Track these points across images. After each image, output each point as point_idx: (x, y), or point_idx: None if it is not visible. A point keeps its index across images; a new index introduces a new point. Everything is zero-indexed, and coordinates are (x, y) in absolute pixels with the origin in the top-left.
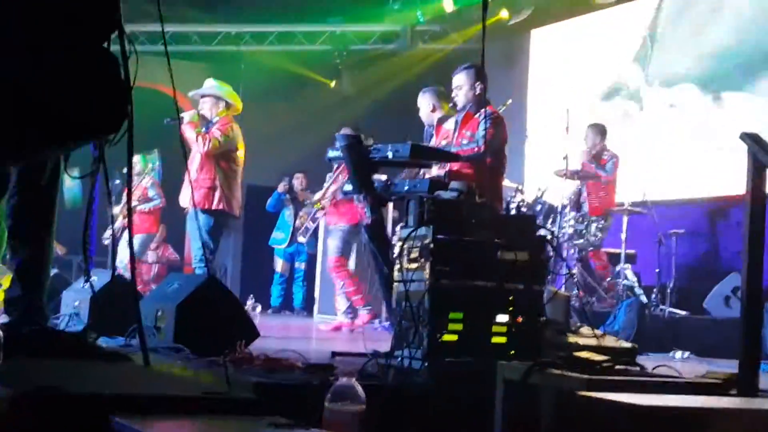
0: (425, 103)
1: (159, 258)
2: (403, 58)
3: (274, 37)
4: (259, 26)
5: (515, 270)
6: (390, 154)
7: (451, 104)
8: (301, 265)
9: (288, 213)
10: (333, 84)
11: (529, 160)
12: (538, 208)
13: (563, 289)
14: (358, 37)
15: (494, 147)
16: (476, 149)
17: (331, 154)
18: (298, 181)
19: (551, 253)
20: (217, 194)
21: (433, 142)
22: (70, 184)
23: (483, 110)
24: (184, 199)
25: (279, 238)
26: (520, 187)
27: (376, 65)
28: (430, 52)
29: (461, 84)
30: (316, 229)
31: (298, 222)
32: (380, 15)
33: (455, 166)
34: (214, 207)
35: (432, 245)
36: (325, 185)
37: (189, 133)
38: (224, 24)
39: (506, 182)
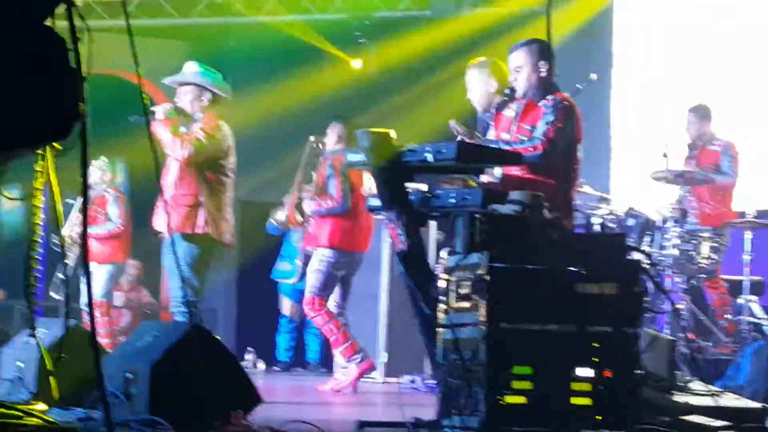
0: (479, 80)
1: (127, 301)
2: (443, 27)
3: (273, 4)
4: None
5: (600, 308)
6: (430, 157)
7: (507, 90)
8: None
9: (296, 237)
10: (355, 63)
11: (618, 160)
12: (631, 223)
13: (666, 331)
14: (384, 1)
15: (561, 145)
16: (530, 148)
17: (352, 157)
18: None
19: (649, 284)
20: (201, 215)
21: (491, 136)
22: (9, 207)
23: (550, 97)
24: (159, 221)
25: (285, 270)
26: (605, 196)
27: (409, 37)
28: (479, 20)
29: (521, 64)
30: None
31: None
32: None
33: (514, 170)
34: (197, 231)
35: (488, 277)
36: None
37: (163, 134)
38: None
39: (587, 189)
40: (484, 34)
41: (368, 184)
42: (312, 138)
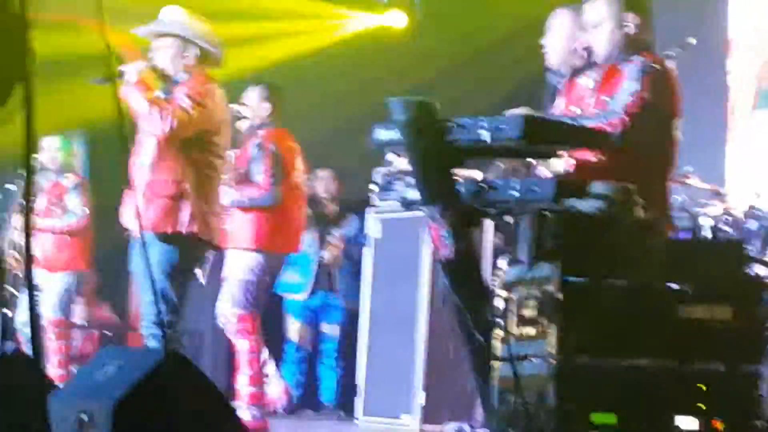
0: (566, 26)
1: (89, 317)
2: None
3: None
4: None
5: (710, 338)
6: (486, 135)
7: (583, 52)
8: (332, 330)
9: (308, 239)
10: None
11: (737, 142)
12: (752, 226)
13: None
14: None
15: (649, 122)
16: (605, 125)
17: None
18: (323, 184)
19: None
20: (186, 208)
21: (561, 109)
22: None
23: (635, 59)
24: (128, 216)
25: (293, 282)
26: (719, 190)
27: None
28: None
29: (600, 19)
30: (357, 266)
31: (326, 254)
32: None
33: (586, 154)
34: (179, 230)
35: (561, 295)
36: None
37: (135, 100)
38: None
39: (694, 181)
40: None
41: (300, 167)
42: (235, 107)
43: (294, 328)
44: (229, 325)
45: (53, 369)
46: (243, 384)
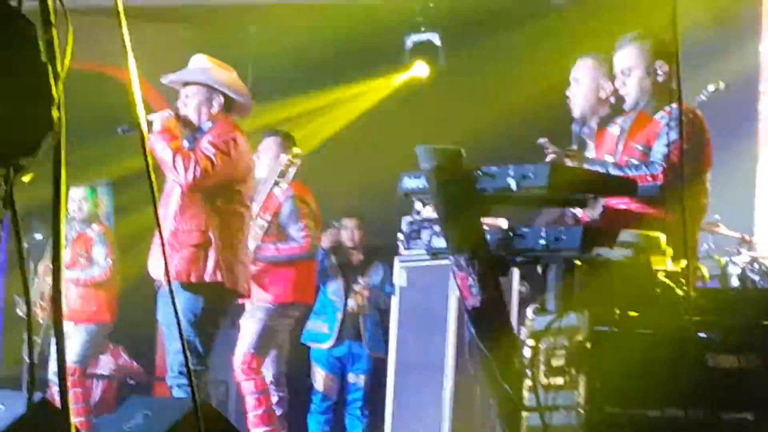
0: (590, 76)
1: (116, 368)
2: (535, 18)
3: None
4: None
5: (740, 387)
6: (513, 183)
7: (612, 99)
8: (359, 379)
9: (333, 288)
10: (417, 67)
11: (764, 188)
12: None
13: None
14: None
15: (686, 172)
16: (646, 177)
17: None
18: (348, 233)
19: None
20: (211, 257)
21: (620, 151)
22: None
23: (667, 108)
24: (154, 265)
25: (320, 331)
26: (747, 238)
27: (492, 30)
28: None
29: (631, 65)
30: (384, 315)
31: (352, 303)
32: None
33: (614, 200)
34: (205, 279)
35: (590, 344)
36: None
37: (162, 150)
38: None
39: (722, 229)
40: (591, 25)
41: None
42: (285, 157)
43: (320, 378)
44: (237, 364)
45: (76, 419)
46: (252, 423)
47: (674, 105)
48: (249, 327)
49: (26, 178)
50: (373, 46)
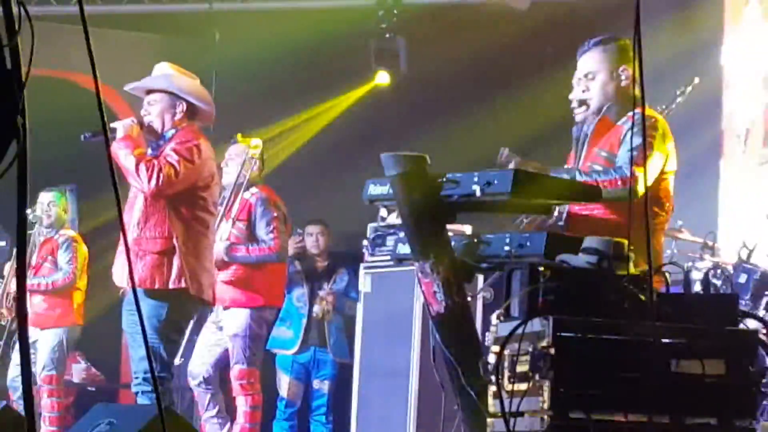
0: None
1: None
2: (502, 17)
3: None
4: None
5: (703, 392)
6: (477, 189)
7: (574, 105)
8: (323, 386)
9: (299, 294)
10: (381, 77)
11: (727, 193)
12: (742, 279)
13: None
14: None
15: (647, 179)
16: (616, 181)
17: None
18: (313, 240)
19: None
20: (176, 263)
21: (582, 156)
22: None
23: (631, 114)
24: (118, 273)
25: (284, 337)
26: (710, 243)
27: (454, 31)
28: (547, 10)
29: (594, 69)
30: (348, 321)
31: (317, 309)
32: None
33: (577, 207)
34: (170, 286)
35: (553, 350)
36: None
37: (124, 157)
38: None
39: (685, 234)
40: (552, 30)
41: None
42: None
43: (285, 384)
44: (239, 379)
45: (45, 427)
46: None
47: (637, 110)
48: (237, 341)
49: None
50: (338, 51)
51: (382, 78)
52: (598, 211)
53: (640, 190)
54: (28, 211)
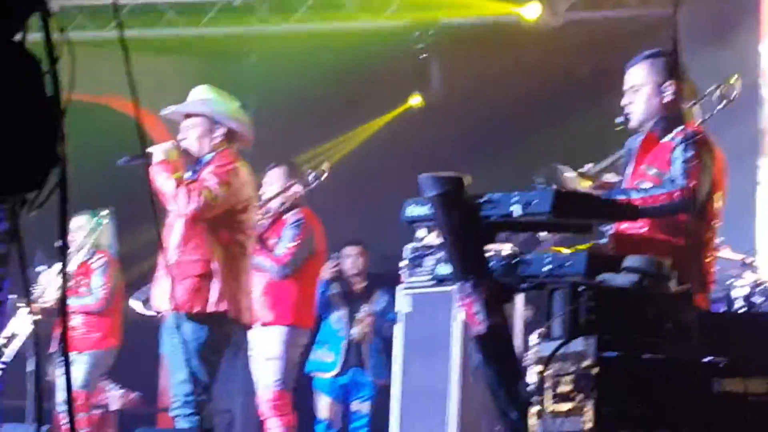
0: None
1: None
2: (538, 38)
3: (308, 6)
4: None
5: (747, 412)
6: (517, 209)
7: (620, 119)
8: (362, 407)
9: (337, 316)
10: (415, 99)
11: (764, 205)
12: None
13: None
14: (456, 3)
15: (703, 193)
16: (675, 195)
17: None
18: (352, 261)
19: None
20: (215, 287)
21: (628, 175)
22: None
23: (680, 130)
24: (158, 296)
25: (324, 360)
26: (750, 260)
27: (492, 53)
28: (584, 27)
29: (639, 83)
30: (387, 342)
31: (355, 330)
32: None
33: (624, 225)
34: (209, 309)
35: (596, 370)
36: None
37: (163, 180)
38: None
39: (726, 252)
40: (588, 48)
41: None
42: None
43: (324, 406)
44: (263, 404)
45: None
46: None
47: (685, 126)
48: (272, 363)
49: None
50: (374, 72)
51: (416, 100)
52: (644, 229)
53: (696, 202)
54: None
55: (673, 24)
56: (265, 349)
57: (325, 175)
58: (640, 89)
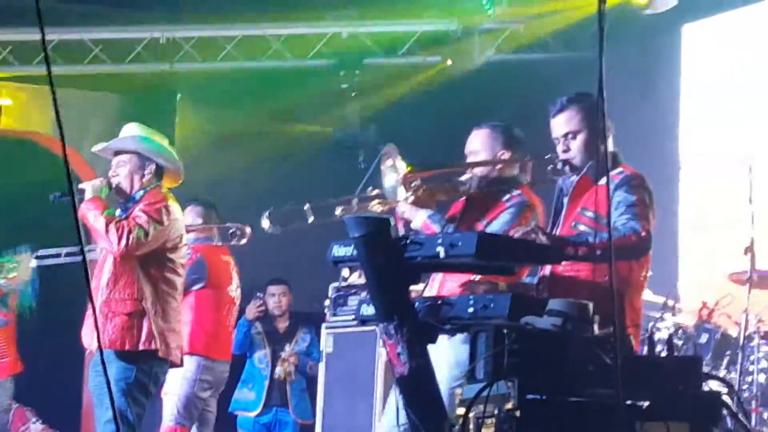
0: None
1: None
2: (456, 78)
3: (234, 45)
4: (209, 28)
5: None
6: (442, 251)
7: (560, 165)
8: None
9: (261, 355)
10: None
11: (686, 250)
12: (703, 339)
13: None
14: (380, 41)
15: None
16: (632, 239)
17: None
18: (276, 300)
19: (732, 423)
20: (145, 325)
21: (562, 215)
22: None
23: (617, 173)
24: (87, 334)
25: (247, 399)
26: (670, 303)
27: (414, 92)
28: (505, 68)
29: (574, 129)
30: (312, 381)
31: (278, 370)
32: (419, 6)
33: (560, 267)
34: (139, 347)
35: (518, 413)
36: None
37: (94, 218)
38: (148, 26)
39: (647, 294)
40: (511, 87)
41: (235, 281)
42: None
43: None
44: None
45: None
46: None
47: (622, 169)
48: (168, 398)
49: None
50: (300, 111)
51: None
52: (582, 272)
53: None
54: None
55: (599, 60)
56: (174, 386)
57: (245, 240)
58: (576, 135)
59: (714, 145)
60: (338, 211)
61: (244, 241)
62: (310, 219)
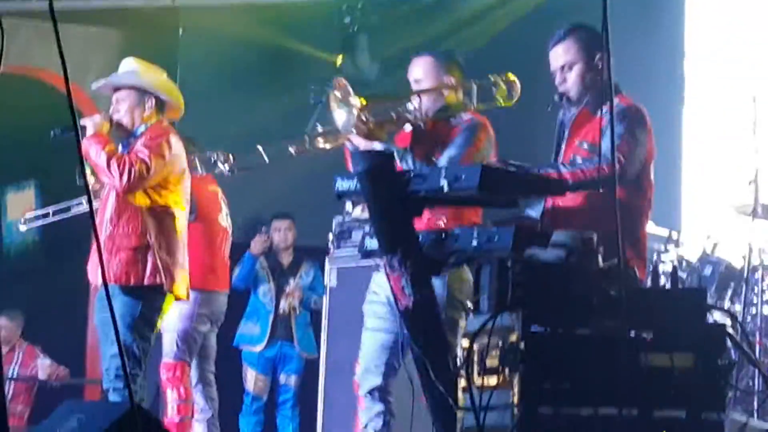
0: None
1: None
2: (459, 14)
3: None
4: None
5: (672, 386)
6: (445, 184)
7: (557, 97)
8: (290, 380)
9: (265, 290)
10: (339, 61)
11: (690, 186)
12: (708, 271)
13: (760, 417)
14: None
15: (635, 166)
16: (603, 169)
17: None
18: (280, 234)
19: (736, 354)
20: (150, 260)
21: (562, 149)
22: None
23: (610, 103)
24: (93, 270)
25: (251, 333)
26: (674, 236)
27: (415, 28)
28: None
29: (570, 60)
30: (315, 315)
31: (283, 304)
32: None
33: (559, 200)
34: (145, 282)
35: (522, 345)
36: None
37: (96, 154)
38: None
39: (651, 227)
40: (513, 21)
41: (224, 209)
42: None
43: (251, 379)
44: (161, 374)
45: None
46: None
47: (618, 100)
48: (167, 335)
49: None
50: (303, 45)
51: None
52: (578, 204)
53: (625, 176)
54: None
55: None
56: (172, 321)
57: (228, 166)
58: (572, 67)
59: (718, 77)
60: (292, 149)
61: (227, 166)
62: (266, 159)
